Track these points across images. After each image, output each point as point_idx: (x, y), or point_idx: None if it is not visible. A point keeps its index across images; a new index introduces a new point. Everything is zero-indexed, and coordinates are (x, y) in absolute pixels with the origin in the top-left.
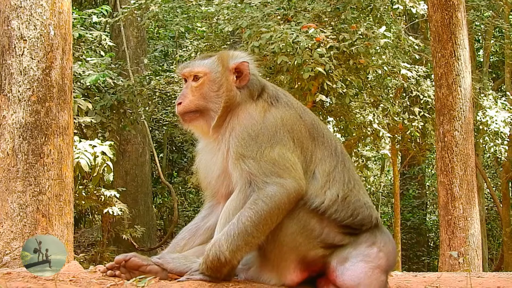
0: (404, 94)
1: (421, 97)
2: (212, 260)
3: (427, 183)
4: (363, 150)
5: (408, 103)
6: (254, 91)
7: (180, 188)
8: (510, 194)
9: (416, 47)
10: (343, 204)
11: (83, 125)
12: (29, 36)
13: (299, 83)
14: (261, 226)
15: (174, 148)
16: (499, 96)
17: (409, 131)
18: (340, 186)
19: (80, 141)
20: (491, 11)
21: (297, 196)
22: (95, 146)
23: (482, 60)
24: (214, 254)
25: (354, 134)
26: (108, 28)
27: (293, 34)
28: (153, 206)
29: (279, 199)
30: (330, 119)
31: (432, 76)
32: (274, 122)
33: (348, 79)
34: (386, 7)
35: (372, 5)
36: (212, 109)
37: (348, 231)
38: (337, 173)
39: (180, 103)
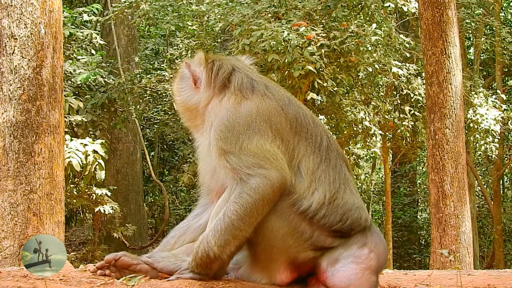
0: (395, 92)
1: (412, 95)
2: (201, 256)
3: (418, 181)
4: (354, 148)
5: (399, 101)
6: (216, 85)
7: (171, 186)
8: (501, 191)
9: (407, 45)
10: (331, 208)
11: (74, 123)
12: (19, 35)
13: (289, 81)
14: (247, 219)
15: (165, 147)
16: (490, 94)
17: (399, 129)
18: (326, 187)
19: (71, 139)
20: (481, 9)
21: (281, 186)
22: (86, 145)
23: (473, 58)
24: (203, 250)
25: (345, 132)
26: (99, 27)
27: (283, 32)
28: (144, 205)
29: (263, 191)
30: (321, 117)
31: (423, 74)
32: (248, 113)
33: (339, 77)
34: (377, 5)
35: (363, 3)
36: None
37: (339, 234)
38: (322, 171)
39: None
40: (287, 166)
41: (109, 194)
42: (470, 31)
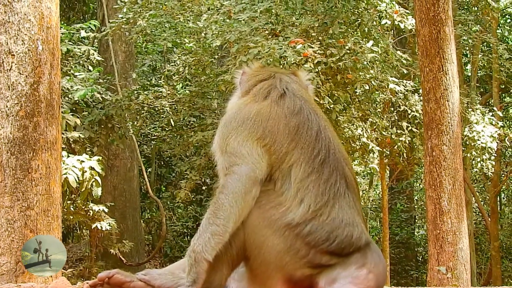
0: (392, 109)
1: (409, 111)
2: (188, 260)
3: (416, 197)
4: (352, 165)
5: (396, 117)
6: (244, 91)
7: (169, 203)
8: (498, 208)
9: (404, 61)
10: (317, 224)
11: (71, 140)
12: (17, 51)
13: None
14: (221, 213)
15: (162, 163)
16: (487, 111)
17: (396, 146)
18: (312, 198)
19: (68, 156)
20: (478, 26)
21: (248, 179)
22: (83, 161)
23: (470, 74)
24: (188, 255)
25: None
26: (96, 43)
27: (280, 49)
28: (141, 221)
29: (232, 185)
30: None
31: (420, 90)
32: (247, 113)
33: (336, 94)
34: (374, 22)
35: (360, 20)
36: None
37: (334, 253)
38: (311, 181)
39: None
40: (276, 169)
41: (106, 210)
42: (467, 48)
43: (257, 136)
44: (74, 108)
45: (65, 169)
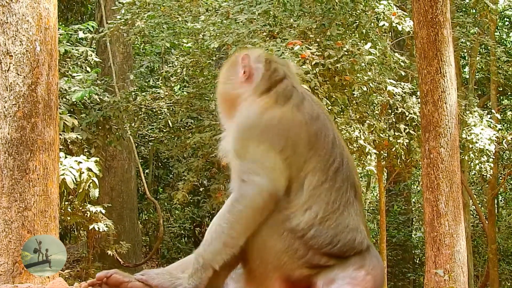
0: (390, 111)
1: (407, 113)
2: (193, 266)
3: (413, 200)
4: None
5: (394, 119)
6: (260, 86)
7: (166, 204)
8: (496, 211)
9: (402, 63)
10: (322, 229)
11: (69, 141)
12: (15, 52)
13: None
14: (237, 226)
15: (160, 164)
16: (485, 113)
17: (394, 148)
18: (323, 206)
19: (66, 157)
20: (477, 28)
21: (270, 197)
22: (81, 162)
23: (468, 77)
24: (195, 259)
25: None
26: (94, 44)
27: (278, 50)
28: (139, 222)
29: (252, 199)
30: None
31: (418, 93)
32: (269, 120)
33: (334, 96)
34: (372, 24)
35: (358, 21)
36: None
37: (333, 255)
38: (324, 189)
39: None
40: (293, 179)
41: (103, 211)
42: (465, 50)
43: (279, 147)
44: (71, 109)
45: (63, 170)
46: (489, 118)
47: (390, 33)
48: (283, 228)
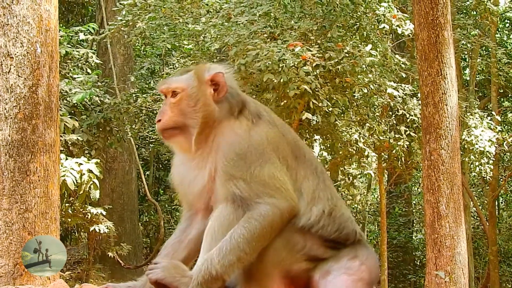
0: (391, 113)
1: (408, 116)
2: (203, 275)
3: (414, 202)
4: (350, 169)
5: (394, 121)
6: (234, 106)
7: (166, 205)
8: (496, 212)
9: (403, 65)
10: (329, 219)
11: (70, 143)
12: (15, 54)
13: (285, 101)
14: (253, 244)
15: (160, 166)
16: (485, 115)
17: (394, 150)
18: (325, 202)
19: (67, 159)
20: (477, 30)
21: (289, 216)
22: (82, 164)
23: (468, 79)
24: (206, 268)
25: (340, 153)
26: (95, 46)
27: (279, 52)
28: (139, 224)
29: (272, 219)
30: (316, 137)
31: (419, 94)
32: (260, 141)
33: (334, 97)
34: (373, 26)
35: (359, 24)
36: (190, 125)
37: (331, 244)
38: (320, 190)
39: (159, 120)
40: (294, 190)
41: (104, 213)
42: (466, 52)
43: (280, 165)
44: (72, 111)
45: (64, 171)
46: (490, 120)
47: (391, 35)
48: (287, 230)
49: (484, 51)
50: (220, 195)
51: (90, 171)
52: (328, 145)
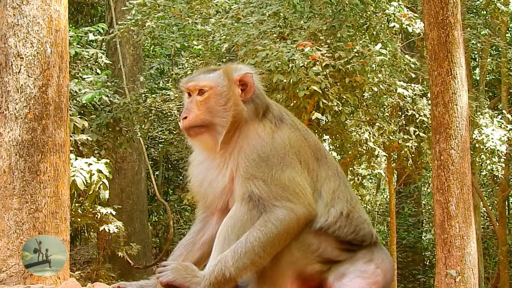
0: (400, 113)
1: (417, 116)
2: (216, 275)
3: (423, 202)
4: (359, 169)
5: (404, 121)
6: (259, 108)
7: (176, 206)
8: (507, 212)
9: (412, 65)
10: (346, 221)
11: (79, 143)
12: (25, 54)
13: (294, 101)
14: (268, 248)
15: (169, 166)
16: (495, 115)
17: (403, 151)
18: (344, 204)
19: (76, 159)
20: (487, 30)
21: (306, 222)
22: (91, 164)
23: (478, 78)
24: (219, 269)
25: (350, 152)
26: (104, 46)
27: (289, 52)
28: (149, 224)
29: (289, 223)
30: (326, 137)
31: (428, 94)
32: (282, 145)
33: (344, 97)
34: (382, 25)
35: (368, 23)
36: (218, 124)
37: (346, 247)
38: (341, 191)
39: (185, 118)
40: (313, 193)
41: (113, 213)
42: (476, 52)
43: (300, 169)
44: (82, 111)
45: (73, 171)
46: (500, 119)
47: (401, 34)
48: (302, 231)
49: (494, 51)
50: (237, 194)
51: (99, 171)
52: (338, 145)
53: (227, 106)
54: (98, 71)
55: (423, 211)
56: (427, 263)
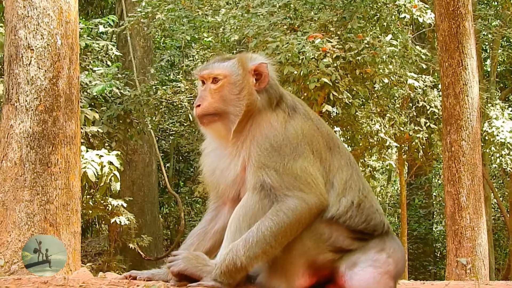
0: (411, 104)
1: (428, 107)
2: (227, 264)
3: (434, 193)
4: (370, 160)
5: (414, 113)
6: (272, 98)
7: (187, 198)
8: None
9: (423, 56)
10: (358, 210)
11: (90, 135)
12: (36, 46)
13: (305, 93)
14: (280, 237)
15: (180, 158)
16: (506, 106)
17: (414, 142)
18: (356, 193)
19: (87, 151)
20: (498, 21)
21: (318, 212)
22: (102, 156)
23: (489, 69)
24: (231, 258)
25: (360, 144)
26: (115, 38)
27: (299, 44)
28: (160, 216)
29: (300, 213)
30: (336, 129)
31: (439, 85)
32: (295, 135)
33: (355, 89)
34: (393, 16)
35: (379, 14)
36: (232, 113)
37: (357, 236)
38: (353, 181)
39: (198, 105)
40: (325, 184)
41: (124, 205)
42: (487, 43)
43: (312, 159)
44: (92, 103)
45: (84, 163)
46: (511, 111)
47: (411, 25)
48: (315, 222)
49: (505, 42)
50: (249, 183)
51: (110, 163)
52: (348, 137)
53: (241, 95)
54: (109, 63)
55: (434, 202)
56: (438, 254)
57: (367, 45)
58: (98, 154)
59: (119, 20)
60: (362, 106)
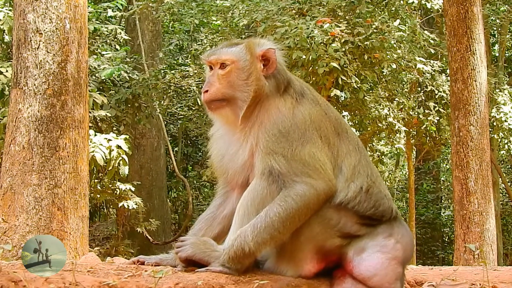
0: (419, 89)
1: (436, 92)
2: (235, 250)
3: (442, 178)
4: (378, 145)
5: (423, 97)
6: (280, 83)
7: (195, 182)
8: None
9: (432, 41)
10: (366, 196)
11: (98, 118)
12: (44, 30)
13: (314, 78)
14: (288, 223)
15: (189, 142)
16: None
17: (424, 126)
18: (364, 179)
19: (95, 134)
20: (507, 6)
21: (326, 197)
22: (110, 140)
23: (497, 55)
24: (239, 244)
25: (369, 129)
26: (123, 22)
27: (308, 28)
28: (168, 200)
29: (309, 199)
30: (345, 113)
31: (448, 70)
32: (303, 120)
33: (363, 73)
34: (401, 1)
35: None
36: (240, 98)
37: (366, 222)
38: (361, 166)
39: (206, 91)
40: (333, 169)
41: (132, 189)
42: (495, 28)
43: (320, 144)
44: (101, 87)
45: (92, 147)
46: None
47: (420, 10)
48: (323, 207)
49: None
50: (257, 169)
51: (119, 147)
52: (357, 122)
53: (249, 80)
54: (117, 47)
55: (442, 187)
56: (446, 239)
57: (375, 30)
58: (106, 138)
59: (128, 4)
60: (371, 91)
